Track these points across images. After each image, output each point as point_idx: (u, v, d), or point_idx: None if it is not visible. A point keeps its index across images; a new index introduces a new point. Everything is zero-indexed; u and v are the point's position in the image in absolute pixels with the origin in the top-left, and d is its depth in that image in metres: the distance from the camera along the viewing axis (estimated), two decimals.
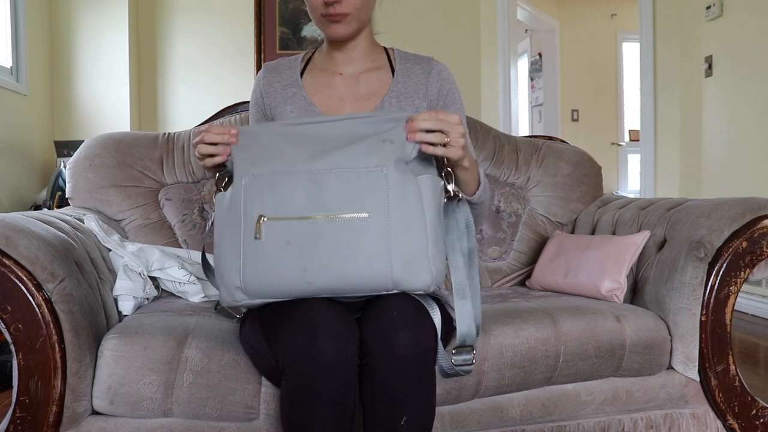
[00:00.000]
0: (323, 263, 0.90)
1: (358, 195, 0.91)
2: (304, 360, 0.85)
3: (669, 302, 1.29)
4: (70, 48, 3.26)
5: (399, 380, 0.88)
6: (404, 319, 0.89)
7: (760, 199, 1.28)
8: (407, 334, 0.88)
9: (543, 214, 1.81)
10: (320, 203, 0.92)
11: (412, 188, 0.93)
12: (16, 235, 1.02)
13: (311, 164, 0.94)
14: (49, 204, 2.69)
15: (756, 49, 3.02)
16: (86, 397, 1.05)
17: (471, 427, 1.18)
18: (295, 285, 0.91)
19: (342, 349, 0.86)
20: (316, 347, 0.85)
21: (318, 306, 0.90)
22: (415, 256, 0.91)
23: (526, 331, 1.20)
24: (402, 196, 0.92)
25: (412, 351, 0.88)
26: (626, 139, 6.20)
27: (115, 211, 1.59)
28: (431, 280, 0.92)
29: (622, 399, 1.26)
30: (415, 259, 0.91)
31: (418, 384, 0.89)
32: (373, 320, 0.91)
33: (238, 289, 0.93)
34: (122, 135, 1.68)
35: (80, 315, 1.05)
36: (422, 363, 0.90)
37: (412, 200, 0.93)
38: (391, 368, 0.88)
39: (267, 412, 1.07)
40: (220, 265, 0.96)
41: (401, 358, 0.87)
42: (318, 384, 0.85)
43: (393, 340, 0.88)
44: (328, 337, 0.85)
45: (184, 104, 3.47)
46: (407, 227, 0.91)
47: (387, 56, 1.31)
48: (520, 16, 4.89)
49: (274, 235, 0.91)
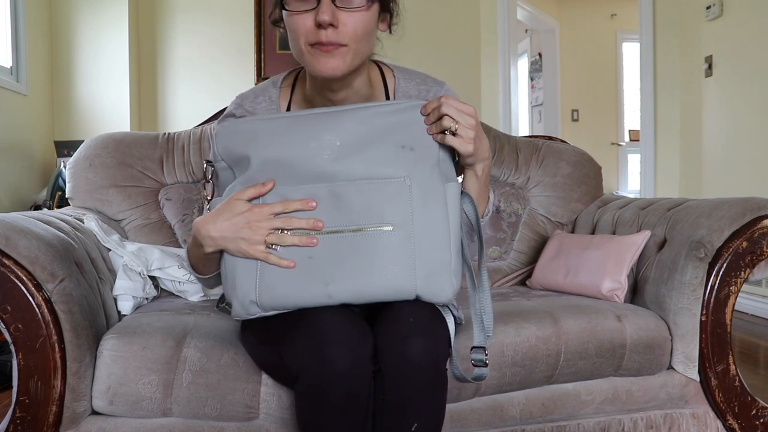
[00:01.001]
0: (346, 277, 0.87)
1: (380, 208, 0.88)
2: (317, 365, 0.83)
3: (669, 302, 1.29)
4: (70, 48, 3.26)
5: (412, 387, 0.86)
6: (419, 325, 0.87)
7: (760, 199, 1.28)
8: (421, 341, 0.86)
9: (543, 214, 1.81)
10: (342, 217, 0.88)
11: (437, 198, 0.90)
12: (16, 235, 1.01)
13: (331, 172, 0.89)
14: (49, 204, 2.69)
15: (756, 49, 3.02)
16: (86, 397, 1.05)
17: (471, 426, 1.18)
18: (315, 299, 0.88)
19: (356, 357, 0.84)
20: (329, 354, 0.82)
21: (330, 311, 0.88)
22: (438, 270, 0.89)
23: (527, 329, 1.20)
24: (426, 208, 0.89)
25: (426, 358, 0.86)
26: (626, 139, 6.20)
27: (115, 211, 1.59)
28: (453, 293, 0.91)
29: (622, 399, 1.26)
30: (438, 273, 0.89)
31: (430, 390, 0.88)
32: (387, 326, 0.89)
33: (253, 303, 0.90)
34: (122, 135, 1.68)
35: (80, 315, 1.05)
36: (435, 369, 0.88)
37: (438, 211, 0.90)
38: (404, 375, 0.86)
39: (267, 412, 1.07)
40: (231, 279, 0.92)
41: (415, 365, 0.86)
42: (332, 391, 0.83)
43: (407, 346, 0.86)
44: (341, 344, 0.83)
45: (184, 104, 3.47)
46: (431, 241, 0.89)
47: (384, 87, 1.11)
48: (520, 16, 4.89)
49: (295, 249, 0.88)
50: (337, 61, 0.93)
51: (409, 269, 0.87)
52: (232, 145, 0.94)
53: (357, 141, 0.90)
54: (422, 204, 0.89)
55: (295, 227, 0.89)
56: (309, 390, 0.85)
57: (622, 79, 6.20)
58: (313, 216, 0.88)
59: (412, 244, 0.87)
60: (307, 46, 0.93)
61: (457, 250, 0.92)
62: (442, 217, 0.90)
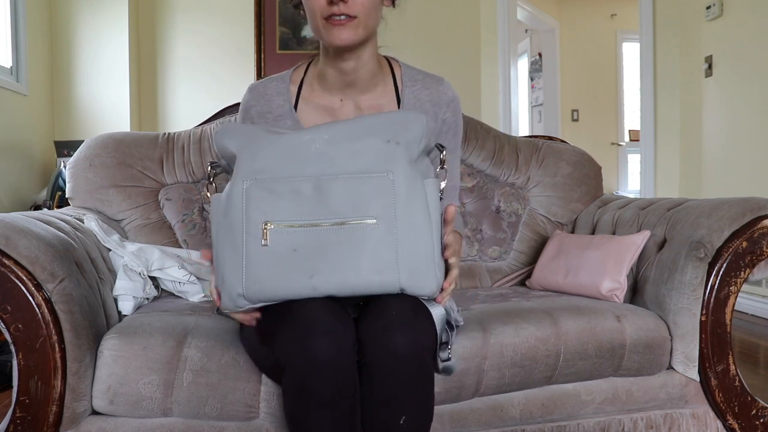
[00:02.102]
0: (330, 270, 0.88)
1: (364, 201, 0.90)
2: (301, 357, 0.85)
3: (669, 302, 1.29)
4: (70, 48, 3.26)
5: (396, 380, 0.88)
6: (402, 319, 0.89)
7: (760, 199, 1.28)
8: (404, 334, 0.88)
9: (543, 214, 1.81)
10: (327, 209, 0.90)
11: (419, 193, 0.92)
12: (16, 235, 1.02)
13: (317, 165, 0.92)
14: (49, 204, 2.69)
15: (756, 49, 3.02)
16: (86, 397, 1.05)
17: (471, 426, 1.18)
18: (300, 290, 0.90)
19: (338, 346, 0.86)
20: (312, 344, 0.84)
21: (313, 304, 0.90)
22: (422, 263, 0.90)
23: (527, 330, 1.20)
24: (409, 203, 0.91)
25: (410, 351, 0.88)
26: (626, 139, 6.20)
27: (115, 211, 1.59)
28: (437, 286, 0.92)
29: (622, 399, 1.26)
30: (422, 266, 0.90)
31: (415, 384, 0.89)
32: (370, 319, 0.90)
33: (240, 296, 0.92)
34: (122, 135, 1.68)
35: (80, 315, 1.05)
36: (420, 362, 0.89)
37: (419, 206, 0.91)
38: (388, 368, 0.87)
39: (267, 411, 1.07)
40: (220, 272, 0.94)
41: (398, 358, 0.87)
42: (315, 380, 0.84)
43: (390, 339, 0.87)
44: (323, 333, 0.85)
45: (184, 104, 3.47)
46: (415, 234, 0.90)
47: (392, 74, 1.22)
48: (520, 16, 4.89)
49: (280, 241, 0.89)
50: (348, 32, 1.05)
51: (392, 262, 0.88)
52: (226, 141, 0.98)
53: (345, 134, 0.94)
54: (405, 198, 0.90)
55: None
56: (294, 383, 0.86)
57: (622, 79, 6.20)
58: (299, 206, 0.90)
59: (395, 237, 0.89)
60: (322, 20, 1.05)
61: (438, 244, 0.93)
62: (424, 211, 0.92)
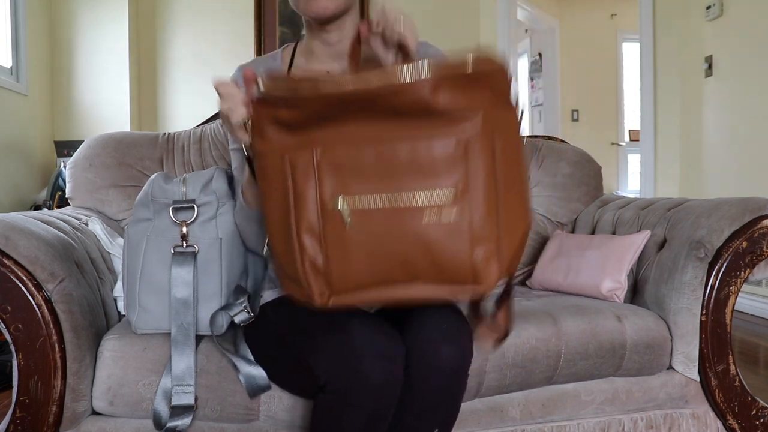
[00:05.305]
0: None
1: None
2: (353, 380, 0.82)
3: (669, 302, 1.29)
4: (70, 48, 3.26)
5: (439, 393, 0.87)
6: (449, 331, 0.87)
7: (760, 199, 1.28)
8: (452, 348, 0.86)
9: (543, 214, 1.81)
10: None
11: None
12: (16, 235, 1.01)
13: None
14: (49, 204, 2.69)
15: (756, 49, 3.01)
16: (86, 397, 1.05)
17: (471, 426, 1.18)
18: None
19: (391, 370, 0.83)
20: (365, 368, 0.81)
21: (360, 320, 0.86)
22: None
23: (527, 330, 1.19)
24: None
25: (457, 364, 0.87)
26: (626, 139, 6.20)
27: (115, 211, 1.59)
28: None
29: (622, 399, 1.26)
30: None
31: (455, 395, 0.89)
32: (416, 332, 0.88)
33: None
34: (122, 135, 1.68)
35: (80, 315, 1.05)
36: (462, 374, 0.89)
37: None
38: (433, 381, 0.86)
39: (267, 413, 1.07)
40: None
41: (444, 372, 0.86)
42: (363, 400, 0.82)
43: (438, 353, 0.85)
44: (376, 356, 0.82)
45: (184, 104, 3.47)
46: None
47: None
48: (520, 16, 4.89)
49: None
50: (326, 1, 1.04)
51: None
52: None
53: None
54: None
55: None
56: (340, 402, 0.83)
57: (622, 79, 6.20)
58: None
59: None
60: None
61: None
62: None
